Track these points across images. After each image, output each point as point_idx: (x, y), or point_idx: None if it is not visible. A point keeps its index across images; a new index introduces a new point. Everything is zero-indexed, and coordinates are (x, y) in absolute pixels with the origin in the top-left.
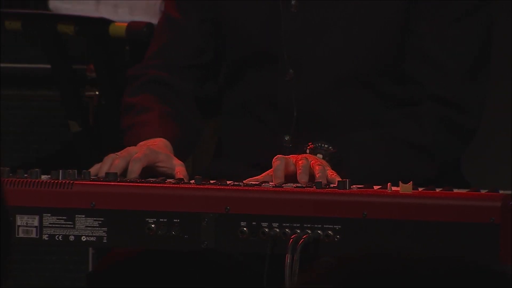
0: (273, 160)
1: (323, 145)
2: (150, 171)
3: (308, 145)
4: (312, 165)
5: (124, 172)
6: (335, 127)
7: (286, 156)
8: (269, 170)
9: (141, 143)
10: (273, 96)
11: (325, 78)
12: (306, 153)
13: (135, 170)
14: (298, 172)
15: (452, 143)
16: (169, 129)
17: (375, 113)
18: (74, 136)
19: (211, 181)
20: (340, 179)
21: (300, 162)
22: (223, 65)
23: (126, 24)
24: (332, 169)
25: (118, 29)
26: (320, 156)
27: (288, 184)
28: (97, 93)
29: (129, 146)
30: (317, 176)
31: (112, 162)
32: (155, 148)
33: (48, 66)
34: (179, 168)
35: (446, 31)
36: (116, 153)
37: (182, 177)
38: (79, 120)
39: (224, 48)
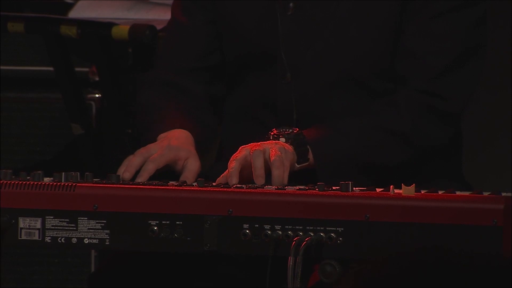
0: (229, 161)
1: (284, 129)
2: (169, 167)
3: (272, 132)
4: (271, 161)
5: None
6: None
7: (246, 147)
8: (226, 171)
9: (161, 135)
10: (273, 98)
11: (322, 80)
12: (269, 139)
13: (148, 169)
14: (254, 174)
15: (431, 126)
16: (188, 124)
17: None
18: (76, 139)
19: (214, 184)
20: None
21: (253, 161)
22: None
23: (128, 26)
24: (296, 150)
25: (121, 32)
26: (283, 140)
27: (291, 187)
28: (99, 95)
29: (150, 143)
30: (272, 178)
31: (129, 160)
32: (176, 145)
33: (51, 68)
34: (189, 170)
35: (428, 27)
36: (135, 153)
37: (191, 174)
38: (81, 123)
39: (225, 50)
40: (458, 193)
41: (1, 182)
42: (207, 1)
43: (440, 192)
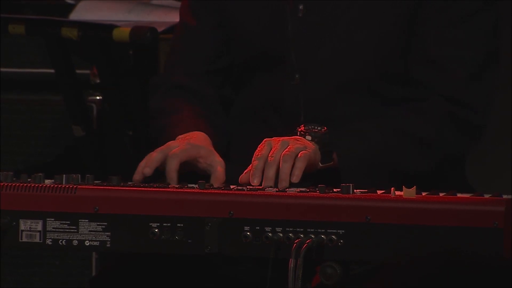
0: (253, 157)
1: (313, 126)
2: (189, 166)
3: (300, 128)
4: (282, 156)
5: (162, 166)
6: (341, 131)
7: (269, 141)
8: (249, 168)
9: (180, 136)
10: (280, 100)
11: (331, 83)
12: (297, 135)
13: (172, 167)
14: (264, 181)
15: (456, 138)
16: (204, 127)
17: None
18: (77, 141)
19: (215, 183)
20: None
21: (266, 171)
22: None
23: (129, 28)
24: (322, 150)
25: (122, 34)
26: (308, 138)
27: (292, 189)
28: (100, 97)
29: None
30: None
31: (149, 156)
32: (196, 143)
33: (52, 70)
34: (219, 169)
35: (449, 33)
36: (155, 151)
37: (219, 182)
38: (82, 125)
39: (232, 52)
40: (459, 195)
41: (2, 184)
42: (215, 4)
43: (441, 194)
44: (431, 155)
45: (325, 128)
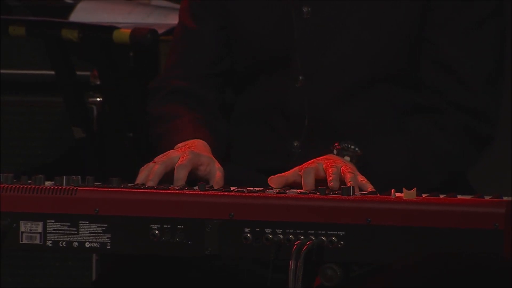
0: (304, 167)
1: (349, 146)
2: (190, 173)
3: (335, 146)
4: (343, 171)
5: (164, 177)
6: (346, 134)
7: (316, 160)
8: (296, 168)
9: (179, 145)
10: (283, 102)
11: (336, 85)
12: (333, 153)
13: (181, 177)
14: (329, 179)
15: (472, 152)
16: (203, 134)
17: (386, 120)
18: (78, 142)
19: (215, 187)
20: (372, 187)
21: (330, 170)
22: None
23: (129, 30)
24: (359, 171)
25: (122, 35)
26: (347, 158)
27: (292, 190)
28: (100, 99)
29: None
30: (348, 184)
31: (152, 168)
32: (197, 151)
33: (52, 72)
34: (218, 174)
35: (463, 39)
36: (154, 161)
37: (217, 186)
38: (83, 126)
39: (234, 54)
40: (459, 196)
41: (2, 186)
42: (216, 6)
43: (441, 196)
44: (450, 172)
45: (361, 152)
